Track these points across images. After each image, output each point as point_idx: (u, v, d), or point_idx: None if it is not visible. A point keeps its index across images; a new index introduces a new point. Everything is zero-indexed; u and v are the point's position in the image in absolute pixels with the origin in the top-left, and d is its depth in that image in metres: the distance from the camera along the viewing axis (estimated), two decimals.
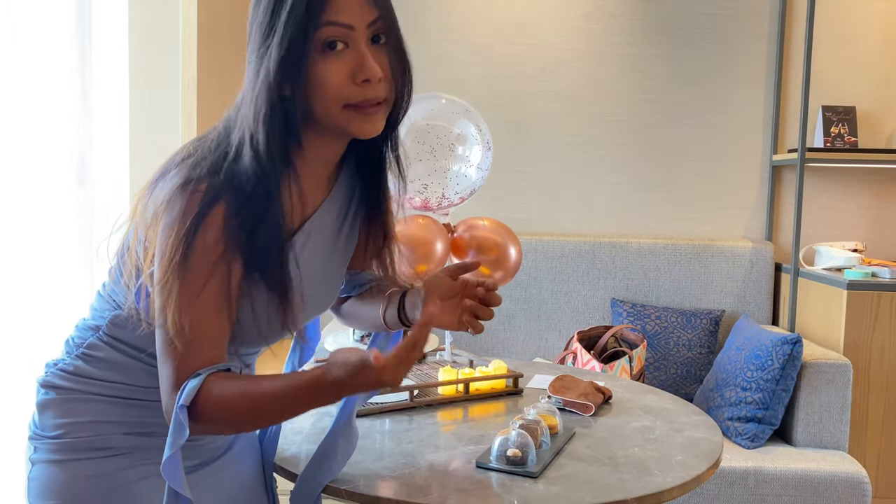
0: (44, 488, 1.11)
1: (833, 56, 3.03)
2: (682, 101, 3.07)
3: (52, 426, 1.12)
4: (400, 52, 1.06)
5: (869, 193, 3.06)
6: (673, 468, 1.31)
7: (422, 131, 1.66)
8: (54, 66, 2.01)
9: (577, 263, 2.94)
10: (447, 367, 1.71)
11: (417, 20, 3.04)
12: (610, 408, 1.65)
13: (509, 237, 1.74)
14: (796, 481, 2.22)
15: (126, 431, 1.11)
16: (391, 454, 1.34)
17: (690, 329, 2.77)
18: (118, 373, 1.11)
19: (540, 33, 3.07)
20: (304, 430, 1.45)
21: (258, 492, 1.28)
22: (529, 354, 2.94)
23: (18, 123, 1.93)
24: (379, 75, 1.00)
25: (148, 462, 1.11)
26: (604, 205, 3.11)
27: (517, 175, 3.11)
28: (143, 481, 1.10)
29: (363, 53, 0.99)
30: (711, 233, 3.11)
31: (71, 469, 1.09)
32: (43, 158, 2.00)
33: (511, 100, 3.09)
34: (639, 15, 3.05)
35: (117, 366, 1.11)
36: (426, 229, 1.67)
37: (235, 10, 2.79)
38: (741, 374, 2.37)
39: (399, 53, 1.06)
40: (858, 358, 2.53)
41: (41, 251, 2.01)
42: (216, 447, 1.20)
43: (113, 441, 1.10)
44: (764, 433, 2.33)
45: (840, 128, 2.92)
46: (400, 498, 1.16)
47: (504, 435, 1.30)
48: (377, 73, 1.00)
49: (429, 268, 1.66)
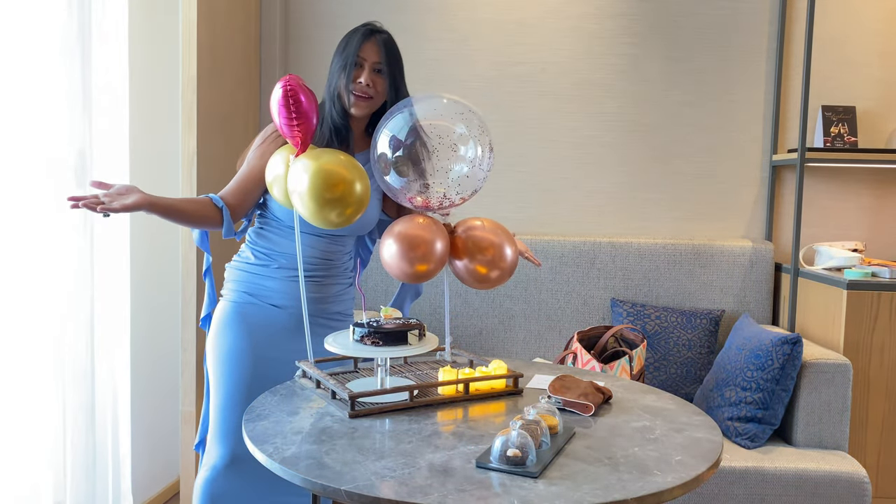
0: None
1: (833, 56, 3.03)
2: (682, 101, 3.07)
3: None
4: (393, 80, 1.92)
5: (869, 193, 3.06)
6: (673, 468, 1.31)
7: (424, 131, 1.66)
8: (55, 67, 2.01)
9: (577, 263, 2.94)
10: (447, 367, 1.71)
11: (417, 20, 3.04)
12: (610, 408, 1.65)
13: (505, 237, 1.74)
14: (796, 481, 2.22)
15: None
16: (391, 454, 1.34)
17: (690, 329, 2.77)
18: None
19: (540, 33, 3.07)
20: (303, 430, 1.45)
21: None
22: (529, 354, 2.94)
23: (19, 124, 1.93)
24: (368, 82, 1.87)
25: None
26: (604, 205, 3.11)
27: (517, 175, 3.11)
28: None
29: (364, 71, 1.89)
30: (711, 233, 3.11)
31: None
32: (43, 158, 2.00)
33: (511, 100, 3.09)
34: (639, 15, 3.05)
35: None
36: (426, 229, 1.67)
37: (235, 10, 2.79)
38: (741, 374, 2.37)
39: (392, 81, 1.92)
40: (858, 358, 2.53)
41: (42, 251, 2.01)
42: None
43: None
44: (764, 433, 2.33)
45: (840, 128, 2.92)
46: (400, 498, 1.16)
47: (504, 435, 1.30)
48: (367, 79, 1.87)
49: (428, 268, 1.67)
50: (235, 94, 2.82)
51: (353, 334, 1.66)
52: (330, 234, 1.92)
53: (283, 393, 1.70)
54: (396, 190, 1.72)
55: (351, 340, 1.66)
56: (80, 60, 2.10)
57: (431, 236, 1.66)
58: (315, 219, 1.64)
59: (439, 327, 2.89)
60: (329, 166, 1.60)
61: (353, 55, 1.86)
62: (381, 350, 1.61)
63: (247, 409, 1.61)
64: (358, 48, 1.87)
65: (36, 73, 1.96)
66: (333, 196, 1.60)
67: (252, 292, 1.92)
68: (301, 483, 1.25)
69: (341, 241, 1.97)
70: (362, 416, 1.53)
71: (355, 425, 1.48)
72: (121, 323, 2.33)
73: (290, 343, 1.90)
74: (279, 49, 3.05)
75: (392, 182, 1.70)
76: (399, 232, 1.66)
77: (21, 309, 1.95)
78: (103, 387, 2.25)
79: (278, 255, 1.92)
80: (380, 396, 1.60)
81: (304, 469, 1.27)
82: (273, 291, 1.91)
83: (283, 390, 1.72)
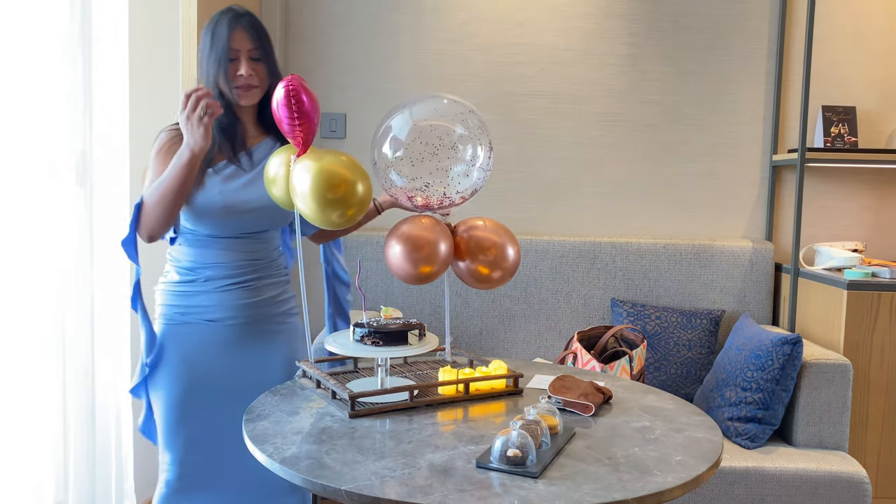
0: None
1: (833, 56, 3.03)
2: (682, 101, 3.07)
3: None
4: (270, 63, 1.83)
5: (869, 193, 3.06)
6: (673, 468, 1.31)
7: (424, 131, 1.66)
8: (55, 67, 2.01)
9: (577, 263, 2.94)
10: (447, 367, 1.71)
11: (417, 20, 3.04)
12: (610, 408, 1.65)
13: (507, 237, 1.74)
14: (796, 481, 2.22)
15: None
16: (391, 454, 1.34)
17: (690, 329, 2.77)
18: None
19: (540, 33, 3.07)
20: (304, 430, 1.45)
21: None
22: (529, 354, 2.95)
23: (20, 124, 1.93)
24: (248, 73, 1.79)
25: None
26: (604, 205, 3.11)
27: (517, 175, 3.11)
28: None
29: (242, 63, 1.79)
30: (711, 233, 3.11)
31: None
32: (44, 159, 2.00)
33: (511, 100, 3.09)
34: (639, 15, 3.05)
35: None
36: (430, 230, 1.67)
37: None
38: (741, 374, 2.37)
39: (270, 64, 1.83)
40: (858, 358, 2.53)
41: (42, 250, 2.01)
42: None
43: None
44: (764, 433, 2.33)
45: (840, 128, 2.92)
46: (400, 498, 1.16)
47: (504, 435, 1.30)
48: (247, 71, 1.79)
49: (432, 269, 1.66)
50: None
51: (353, 334, 1.66)
52: (251, 233, 1.84)
53: (283, 393, 1.70)
54: (396, 189, 1.72)
55: (351, 340, 1.66)
56: (82, 61, 2.10)
57: (436, 237, 1.66)
58: (317, 219, 1.64)
59: (439, 327, 2.89)
60: (331, 167, 1.61)
61: (225, 48, 1.76)
62: (381, 350, 1.61)
63: (247, 409, 1.61)
64: (228, 39, 1.76)
65: (38, 73, 1.96)
66: (335, 196, 1.60)
67: (184, 311, 1.82)
68: (301, 483, 1.25)
69: (265, 238, 1.88)
70: (362, 416, 1.54)
71: (355, 425, 1.48)
72: (122, 322, 2.33)
73: (229, 358, 1.83)
74: (279, 49, 3.05)
75: (394, 181, 1.71)
76: (403, 233, 1.66)
77: (22, 309, 1.95)
78: (105, 386, 2.25)
79: (202, 268, 1.82)
80: (380, 396, 1.60)
81: (305, 469, 1.27)
82: (205, 307, 1.82)
83: (284, 390, 1.72)
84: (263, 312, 1.86)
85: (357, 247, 2.96)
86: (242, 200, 1.80)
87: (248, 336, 1.85)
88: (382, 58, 3.06)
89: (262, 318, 1.86)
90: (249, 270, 1.85)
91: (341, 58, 3.07)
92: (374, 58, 3.06)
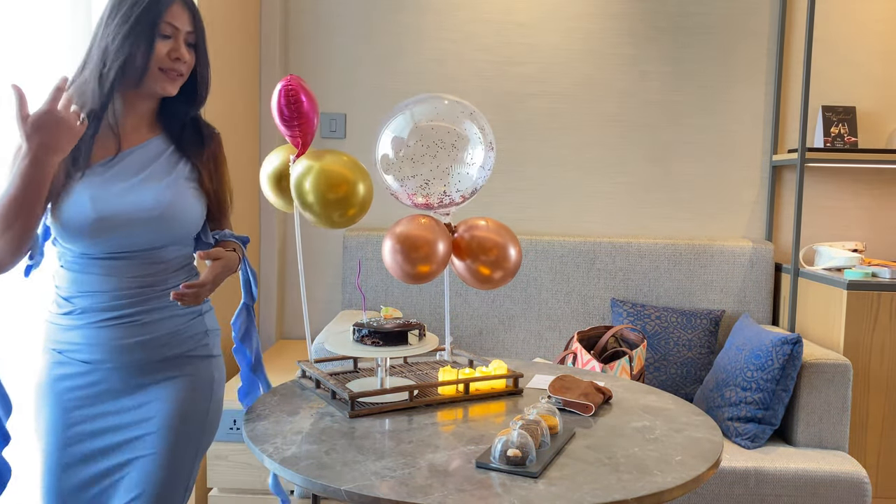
0: None
1: (833, 56, 3.03)
2: (682, 101, 3.07)
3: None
4: (202, 54, 1.54)
5: (869, 193, 3.06)
6: (673, 468, 1.31)
7: (425, 132, 1.66)
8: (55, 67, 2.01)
9: (577, 263, 2.94)
10: (447, 367, 1.71)
11: (417, 20, 3.04)
12: (610, 408, 1.65)
13: (509, 237, 1.74)
14: (796, 481, 2.22)
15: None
16: (391, 454, 1.34)
17: (690, 329, 2.77)
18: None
19: (540, 33, 3.07)
20: (304, 430, 1.45)
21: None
22: (529, 354, 2.95)
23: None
24: (187, 58, 1.49)
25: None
26: (604, 205, 3.11)
27: (517, 175, 3.11)
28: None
29: (181, 44, 1.48)
30: (711, 233, 3.11)
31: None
32: None
33: (511, 100, 3.09)
34: (639, 15, 3.05)
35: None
36: (429, 229, 1.67)
37: (235, 10, 2.79)
38: (741, 374, 2.37)
39: (202, 55, 1.54)
40: (858, 358, 2.53)
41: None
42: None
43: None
44: (764, 433, 2.33)
45: (840, 128, 2.92)
46: (400, 498, 1.16)
47: (504, 435, 1.30)
48: (186, 56, 1.49)
49: (430, 269, 1.67)
50: (235, 95, 2.82)
51: (353, 334, 1.66)
52: (138, 252, 1.45)
53: (283, 393, 1.70)
54: (395, 190, 1.72)
55: (351, 340, 1.66)
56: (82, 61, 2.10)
57: (434, 237, 1.66)
58: (318, 220, 1.64)
59: (439, 327, 2.89)
60: (332, 167, 1.61)
61: (158, 21, 1.43)
62: (381, 350, 1.61)
63: (247, 409, 1.61)
64: (164, 13, 1.43)
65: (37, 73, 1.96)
66: (336, 197, 1.60)
67: (60, 349, 1.46)
68: (301, 483, 1.25)
69: (159, 257, 1.48)
70: (362, 416, 1.54)
71: (355, 425, 1.48)
72: None
73: (112, 407, 1.46)
74: (279, 49, 3.05)
75: (391, 183, 1.71)
76: (401, 233, 1.66)
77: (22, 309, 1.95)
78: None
79: (78, 297, 1.45)
80: (380, 396, 1.60)
81: (304, 469, 1.27)
82: (79, 346, 1.45)
83: (283, 390, 1.72)
84: (163, 356, 1.48)
85: (357, 247, 2.96)
86: (120, 210, 1.42)
87: (133, 385, 1.47)
88: (382, 58, 3.06)
89: (163, 365, 1.48)
90: (136, 301, 1.46)
91: (341, 58, 3.07)
92: (374, 58, 3.06)
